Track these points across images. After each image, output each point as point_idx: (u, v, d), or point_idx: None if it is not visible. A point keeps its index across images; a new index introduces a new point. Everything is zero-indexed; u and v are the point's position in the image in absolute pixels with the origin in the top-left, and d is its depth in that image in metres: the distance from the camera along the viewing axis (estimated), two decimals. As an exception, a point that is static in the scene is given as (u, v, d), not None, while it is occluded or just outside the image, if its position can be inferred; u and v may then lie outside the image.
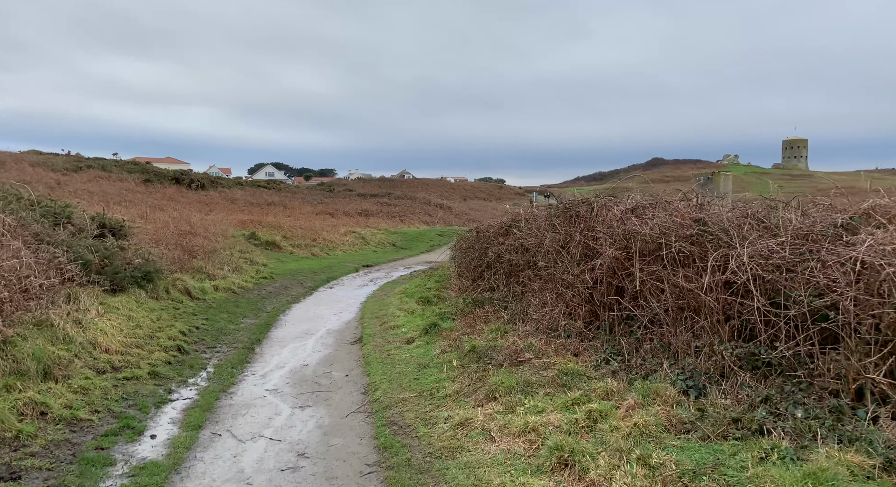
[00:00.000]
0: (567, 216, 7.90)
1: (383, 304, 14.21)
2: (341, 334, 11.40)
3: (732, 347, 4.87)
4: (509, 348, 7.38)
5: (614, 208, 7.02)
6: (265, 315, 12.78)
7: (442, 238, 32.22)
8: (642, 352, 5.62)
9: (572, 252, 7.26)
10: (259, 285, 16.66)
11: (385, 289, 17.13)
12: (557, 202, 8.58)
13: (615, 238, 6.42)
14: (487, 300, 10.39)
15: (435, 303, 12.97)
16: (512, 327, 8.59)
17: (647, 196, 7.11)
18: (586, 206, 7.48)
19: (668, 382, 5.04)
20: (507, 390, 5.85)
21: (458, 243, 13.47)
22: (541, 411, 5.17)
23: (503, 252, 10.35)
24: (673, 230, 5.75)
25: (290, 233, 25.07)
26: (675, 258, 5.58)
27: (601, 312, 6.60)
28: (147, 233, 17.27)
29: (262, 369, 8.83)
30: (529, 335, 7.67)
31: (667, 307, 5.54)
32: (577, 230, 7.32)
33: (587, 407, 4.89)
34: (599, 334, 6.58)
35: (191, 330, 10.32)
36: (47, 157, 47.62)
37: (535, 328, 7.87)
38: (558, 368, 5.97)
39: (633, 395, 4.92)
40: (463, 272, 12.17)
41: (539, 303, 8.22)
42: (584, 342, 6.64)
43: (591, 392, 5.26)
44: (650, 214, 6.48)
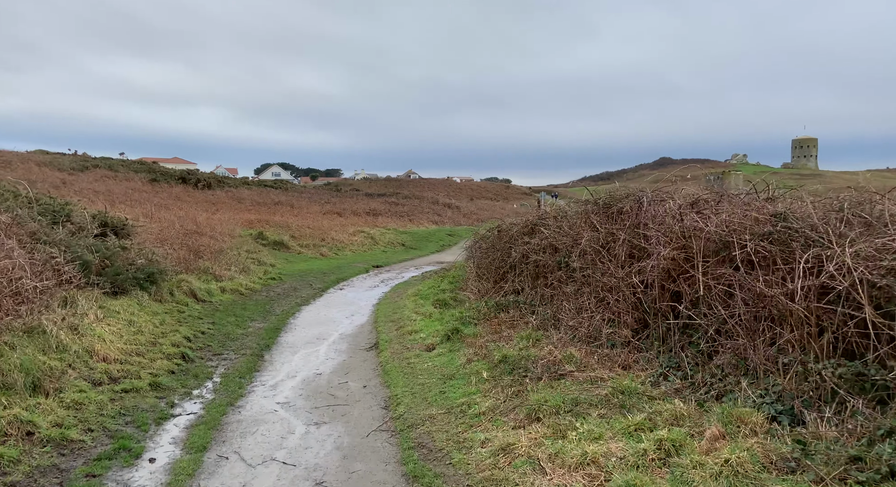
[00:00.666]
0: (608, 213, 7.16)
1: (397, 306, 13.48)
2: (355, 339, 10.68)
3: (833, 365, 4.11)
4: (546, 358, 6.64)
5: (669, 203, 6.26)
6: (274, 319, 12.08)
7: (452, 238, 31.49)
8: (711, 368, 4.87)
9: (616, 253, 6.53)
10: (267, 286, 15.97)
11: (397, 291, 16.41)
12: (595, 197, 7.83)
13: (671, 237, 5.68)
14: (512, 304, 9.65)
15: (453, 306, 12.23)
16: (544, 334, 7.85)
17: (705, 191, 6.40)
18: (633, 201, 6.72)
19: (749, 405, 4.30)
20: (553, 409, 5.11)
21: (477, 242, 12.73)
22: (598, 437, 4.43)
23: (529, 252, 9.60)
24: (745, 227, 5.01)
25: (298, 233, 24.39)
26: (749, 260, 4.84)
27: (651, 319, 5.87)
28: (152, 232, 16.61)
29: (272, 378, 8.12)
30: (567, 344, 6.92)
31: (738, 315, 4.79)
32: (621, 228, 6.58)
33: (655, 436, 4.15)
34: (651, 344, 5.84)
35: (196, 335, 9.61)
36: (54, 156, 47.13)
37: (572, 336, 7.12)
38: (611, 384, 5.22)
39: (713, 422, 4.17)
40: (483, 274, 11.43)
41: (574, 308, 7.48)
42: (633, 354, 5.89)
43: (655, 416, 4.52)
44: (713, 209, 5.73)
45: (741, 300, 4.78)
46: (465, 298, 12.68)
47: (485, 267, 11.45)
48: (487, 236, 12.20)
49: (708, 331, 5.05)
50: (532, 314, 8.99)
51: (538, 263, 9.41)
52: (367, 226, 29.59)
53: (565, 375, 6.02)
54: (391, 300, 14.63)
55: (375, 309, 13.67)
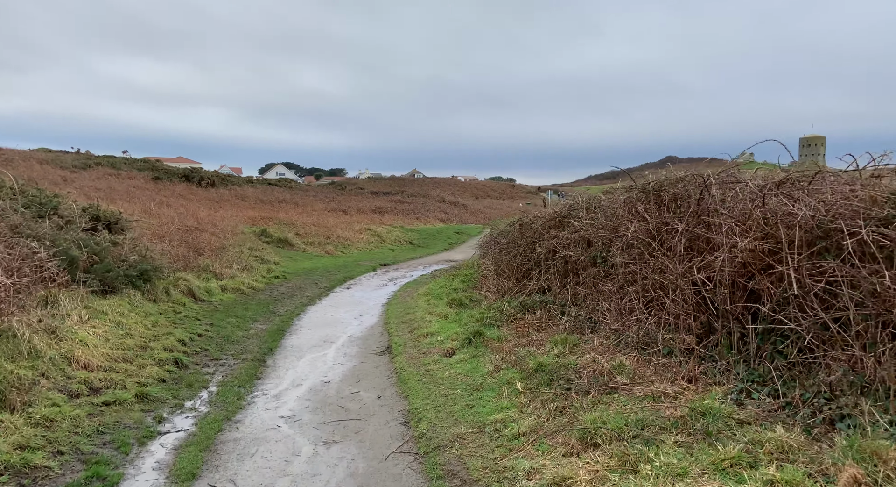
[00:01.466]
0: (658, 200, 6.23)
1: (409, 307, 12.56)
2: (365, 342, 9.76)
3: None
4: (589, 367, 5.70)
5: (750, 185, 5.29)
6: (278, 320, 11.16)
7: (460, 236, 30.57)
8: (812, 384, 3.93)
9: (672, 246, 5.60)
10: (271, 285, 15.06)
11: (407, 290, 15.49)
12: (645, 183, 6.88)
13: (750, 225, 4.75)
14: (539, 304, 8.71)
15: (470, 306, 11.30)
16: (580, 338, 6.91)
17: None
18: (694, 185, 5.77)
19: (883, 436, 3.37)
20: (614, 433, 4.18)
21: (496, 237, 11.78)
22: (682, 474, 3.49)
23: (557, 247, 8.67)
24: (856, 211, 4.06)
25: (302, 230, 23.49)
26: (863, 250, 3.91)
27: (720, 323, 4.93)
28: (151, 228, 15.72)
29: (274, 387, 7.20)
30: (612, 351, 5.98)
31: (848, 319, 3.86)
32: (677, 217, 5.65)
33: (762, 475, 3.22)
34: (720, 353, 4.90)
35: (192, 338, 8.70)
36: (56, 154, 46.37)
37: (617, 342, 6.18)
38: (687, 404, 4.27)
39: (841, 458, 3.22)
40: (503, 271, 10.50)
41: (616, 309, 6.54)
42: (698, 364, 4.96)
43: (754, 447, 3.58)
44: (806, 189, 4.78)
45: (850, 300, 3.85)
46: (482, 297, 11.74)
47: (505, 264, 10.51)
48: (507, 231, 11.26)
49: (804, 338, 4.11)
50: (562, 314, 8.05)
51: (568, 259, 8.47)
52: (374, 224, 28.68)
53: (618, 389, 5.08)
54: (402, 300, 13.72)
55: (385, 309, 12.75)
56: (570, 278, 8.41)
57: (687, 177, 6.21)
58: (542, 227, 9.38)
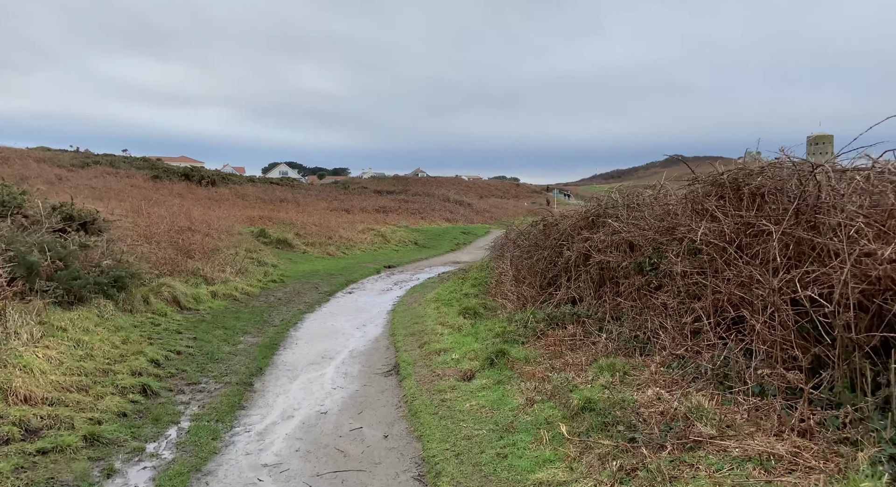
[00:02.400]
0: (737, 194, 4.97)
1: (417, 315, 11.31)
2: (369, 358, 8.51)
3: None
4: (653, 406, 4.44)
5: (887, 170, 4.01)
6: (272, 331, 9.92)
7: (466, 236, 29.30)
8: None
9: (759, 251, 4.35)
10: (267, 290, 13.82)
11: (414, 295, 14.24)
12: (714, 173, 5.61)
13: (893, 226, 3.52)
14: (570, 317, 7.44)
15: (485, 316, 10.03)
16: (628, 363, 5.64)
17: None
18: (796, 174, 4.47)
19: None
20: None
21: (514, 238, 10.51)
22: None
23: (591, 251, 7.40)
24: None
25: (303, 230, 22.24)
26: None
27: (840, 356, 3.68)
28: (137, 229, 14.50)
29: (260, 420, 5.94)
30: (679, 384, 4.72)
31: None
32: (766, 216, 4.40)
33: None
34: (842, 396, 3.65)
35: (168, 357, 7.45)
36: (55, 153, 45.26)
37: (681, 372, 4.91)
38: (823, 481, 3.02)
39: None
40: (524, 277, 9.23)
41: (677, 329, 5.28)
42: (808, 409, 3.70)
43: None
44: None
45: None
46: (498, 305, 10.48)
47: (526, 269, 9.24)
48: (529, 232, 9.98)
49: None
50: (600, 331, 6.79)
51: (605, 265, 7.20)
52: (378, 224, 27.43)
53: (702, 443, 3.81)
54: (408, 307, 12.47)
55: (391, 318, 11.50)
56: (608, 287, 7.14)
57: (778, 163, 4.94)
58: (571, 228, 8.12)
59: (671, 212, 5.83)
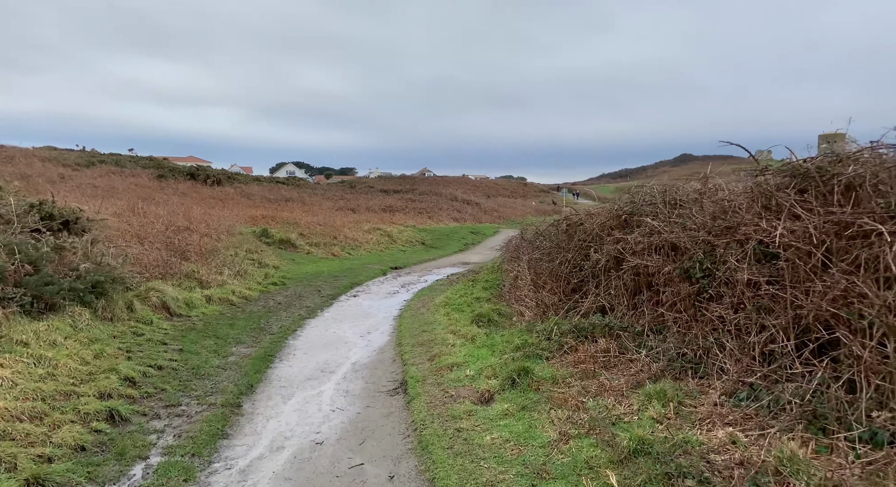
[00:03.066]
0: (826, 188, 4.01)
1: (425, 322, 10.39)
2: (373, 372, 7.59)
3: None
4: (727, 452, 3.49)
5: None
6: (268, 340, 9.02)
7: (475, 236, 28.34)
8: None
9: (862, 257, 3.41)
10: (266, 293, 12.94)
11: (422, 298, 13.32)
12: (794, 163, 4.64)
13: None
14: (600, 328, 6.49)
15: (500, 324, 9.09)
16: (680, 388, 4.69)
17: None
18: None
19: None
20: None
21: (532, 239, 9.57)
22: None
23: (624, 254, 6.45)
24: None
25: (307, 230, 21.36)
26: None
27: None
28: (132, 228, 13.65)
29: (244, 454, 5.03)
30: (754, 421, 3.76)
31: None
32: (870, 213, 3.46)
33: None
34: None
35: (147, 373, 6.54)
36: (60, 152, 44.63)
37: (756, 405, 3.95)
38: None
39: None
40: (545, 282, 8.28)
41: (744, 348, 4.32)
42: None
43: None
44: None
45: None
46: (514, 312, 9.53)
47: (547, 273, 8.29)
48: (549, 233, 9.02)
49: None
50: (639, 346, 5.83)
51: (641, 270, 6.24)
52: (384, 223, 26.52)
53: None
54: (416, 312, 11.55)
55: (398, 324, 10.59)
56: (645, 295, 6.18)
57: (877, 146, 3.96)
58: (599, 228, 7.16)
59: (729, 209, 4.88)
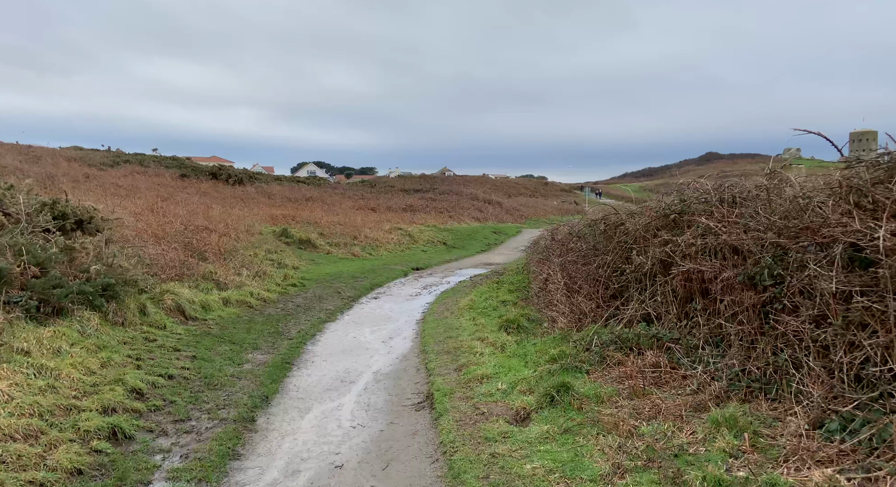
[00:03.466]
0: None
1: (450, 327, 9.84)
2: (396, 383, 7.07)
3: None
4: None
5: None
6: (286, 346, 8.55)
7: (497, 236, 27.72)
8: None
9: None
10: (285, 295, 12.51)
11: (445, 301, 12.78)
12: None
13: None
14: (646, 340, 5.87)
15: (531, 330, 8.51)
16: (752, 413, 4.05)
17: None
18: None
19: None
20: None
21: (564, 239, 8.95)
22: None
23: (673, 257, 5.81)
24: None
25: (327, 230, 20.96)
26: None
27: None
28: (150, 227, 13.34)
29: (257, 477, 4.53)
30: (863, 464, 3.13)
31: None
32: None
33: None
34: None
35: (156, 384, 6.09)
36: (86, 152, 45.08)
37: (852, 439, 3.32)
38: None
39: None
40: (579, 286, 7.66)
41: (830, 370, 3.68)
42: None
43: None
44: None
45: None
46: (545, 318, 8.93)
47: (582, 277, 7.67)
48: (586, 233, 8.40)
49: None
50: (694, 361, 5.20)
51: (693, 275, 5.60)
52: (405, 223, 26.03)
53: None
54: (440, 316, 11.01)
55: (421, 329, 10.06)
56: (699, 303, 5.54)
57: None
58: (643, 228, 6.52)
59: (807, 207, 4.22)
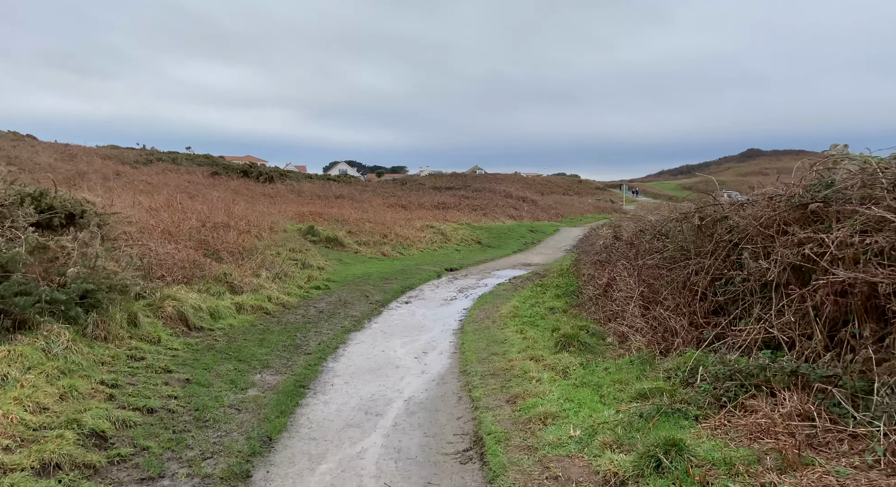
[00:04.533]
0: None
1: (494, 339, 8.30)
2: (433, 417, 5.55)
3: None
4: None
5: None
6: (302, 363, 7.13)
7: (534, 235, 26.00)
8: None
9: None
10: (308, 299, 11.14)
11: (484, 307, 11.24)
12: None
13: None
14: (778, 375, 4.20)
15: (596, 349, 6.88)
16: None
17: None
18: None
19: None
20: None
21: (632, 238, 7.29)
22: None
23: (819, 262, 4.15)
24: None
25: (356, 228, 19.62)
26: None
27: None
28: (161, 223, 12.14)
29: None
30: None
31: None
32: None
33: None
34: None
35: (127, 422, 4.67)
36: (121, 151, 44.94)
37: None
38: None
39: None
40: (662, 297, 6.00)
41: None
42: None
43: None
44: None
45: None
46: (608, 331, 7.31)
47: (667, 286, 6.01)
48: (669, 229, 6.73)
49: None
50: (870, 414, 3.53)
51: (857, 287, 3.92)
52: (437, 221, 24.54)
53: None
54: (480, 325, 9.47)
55: (459, 342, 8.53)
56: (865, 327, 3.86)
57: None
58: (763, 222, 4.85)
59: None
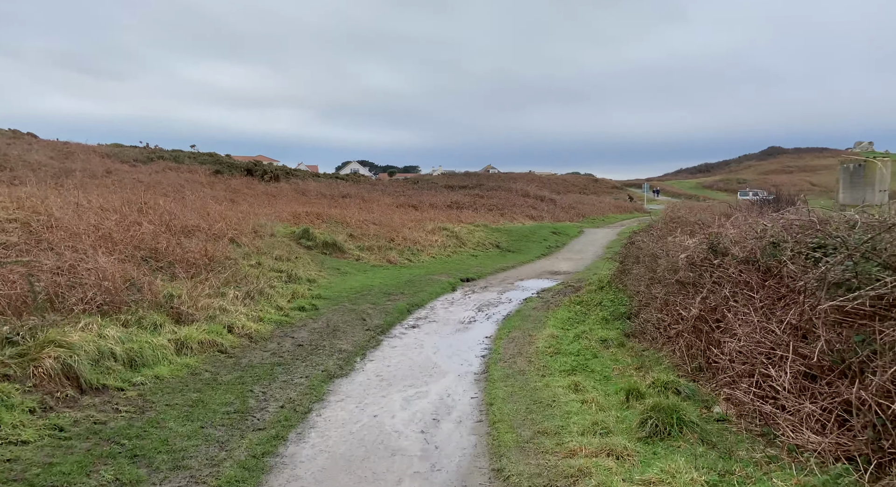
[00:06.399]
0: None
1: (536, 399, 5.56)
2: None
3: None
4: None
5: None
6: (243, 452, 4.43)
7: (558, 237, 23.12)
8: None
9: None
10: (285, 325, 8.48)
11: (512, 335, 8.52)
12: None
13: None
14: None
15: (711, 438, 4.13)
16: None
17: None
18: None
19: None
20: None
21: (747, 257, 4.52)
22: None
23: None
24: None
25: (358, 230, 16.94)
26: None
27: None
28: (102, 228, 9.50)
29: None
30: None
31: None
32: None
33: None
34: None
35: None
36: (123, 149, 42.72)
37: None
38: None
39: None
40: (854, 363, 3.23)
41: None
42: None
43: None
44: None
45: None
46: (714, 399, 4.56)
47: (867, 347, 3.25)
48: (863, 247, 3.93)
49: None
50: None
51: None
52: (450, 222, 21.80)
53: None
54: (511, 367, 6.74)
55: (485, 399, 5.80)
56: None
57: None
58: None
59: None
